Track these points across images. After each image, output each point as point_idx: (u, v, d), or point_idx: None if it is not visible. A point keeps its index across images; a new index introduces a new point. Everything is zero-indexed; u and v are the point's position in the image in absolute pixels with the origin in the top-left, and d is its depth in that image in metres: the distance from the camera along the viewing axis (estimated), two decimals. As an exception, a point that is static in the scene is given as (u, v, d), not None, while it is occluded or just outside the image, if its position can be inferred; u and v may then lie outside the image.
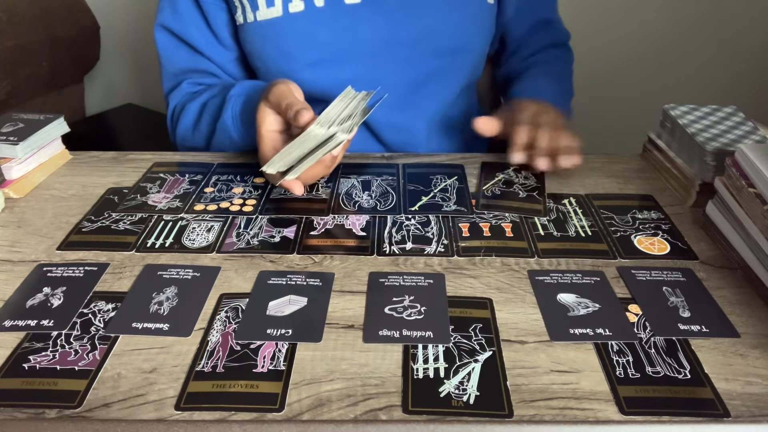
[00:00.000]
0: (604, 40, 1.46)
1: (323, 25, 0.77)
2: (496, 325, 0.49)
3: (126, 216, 0.65)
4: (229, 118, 0.75)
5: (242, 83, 0.77)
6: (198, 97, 0.82)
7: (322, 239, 0.61)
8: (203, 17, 0.81)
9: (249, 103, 0.74)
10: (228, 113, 0.75)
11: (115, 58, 1.72)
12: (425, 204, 0.67)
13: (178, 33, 0.82)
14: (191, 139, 0.83)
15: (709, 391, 0.43)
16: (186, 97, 0.84)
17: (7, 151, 0.69)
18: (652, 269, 0.56)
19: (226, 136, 0.77)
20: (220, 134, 0.77)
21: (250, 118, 0.72)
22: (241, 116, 0.74)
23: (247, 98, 0.75)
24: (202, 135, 0.81)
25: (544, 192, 0.69)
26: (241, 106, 0.74)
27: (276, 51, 0.79)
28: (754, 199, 0.54)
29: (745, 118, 0.71)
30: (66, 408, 0.42)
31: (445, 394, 0.43)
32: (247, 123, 0.73)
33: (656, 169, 0.75)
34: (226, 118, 0.75)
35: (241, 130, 0.75)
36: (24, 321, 0.50)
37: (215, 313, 0.51)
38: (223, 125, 0.76)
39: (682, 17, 1.42)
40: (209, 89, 0.82)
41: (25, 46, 1.38)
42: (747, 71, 1.44)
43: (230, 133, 0.76)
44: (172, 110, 0.86)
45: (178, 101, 0.85)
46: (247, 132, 0.75)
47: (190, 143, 0.84)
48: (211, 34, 0.82)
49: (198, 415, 0.41)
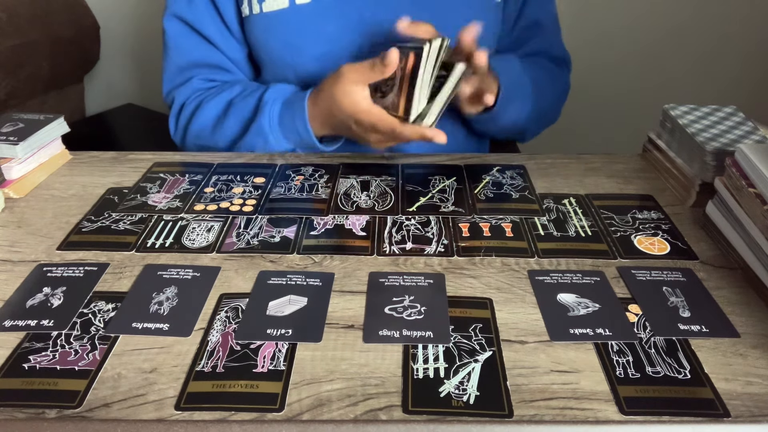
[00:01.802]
0: (604, 40, 1.46)
1: (330, 17, 0.77)
2: (496, 325, 0.49)
3: (126, 216, 0.65)
4: (266, 122, 0.76)
5: (274, 87, 0.78)
6: (217, 95, 0.81)
7: (322, 239, 0.61)
8: (216, 10, 0.81)
9: (288, 108, 0.75)
10: (265, 118, 0.76)
11: (115, 58, 1.72)
12: (423, 204, 0.67)
13: (192, 23, 0.81)
14: (209, 137, 0.82)
15: (709, 391, 0.43)
16: (198, 94, 0.83)
17: (7, 151, 0.69)
18: (652, 269, 0.56)
19: (260, 139, 0.77)
20: (252, 137, 0.78)
21: (290, 123, 0.75)
22: (280, 120, 0.76)
23: (285, 102, 0.76)
24: (226, 136, 0.81)
25: (534, 190, 0.70)
26: (280, 110, 0.76)
27: (282, 43, 0.79)
28: (754, 199, 0.54)
29: (745, 118, 0.71)
30: (66, 408, 0.42)
31: (445, 394, 0.43)
32: (285, 127, 0.76)
33: (656, 169, 0.75)
34: (262, 123, 0.76)
35: (278, 134, 0.76)
36: (24, 321, 0.50)
37: (215, 313, 0.51)
38: (258, 129, 0.77)
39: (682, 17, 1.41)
40: (227, 88, 0.82)
41: (25, 46, 1.38)
42: (747, 71, 1.44)
43: (266, 137, 0.77)
44: (180, 106, 0.84)
45: (188, 97, 0.84)
46: (284, 136, 0.77)
47: (205, 142, 0.83)
48: (225, 28, 0.82)
49: (198, 415, 0.41)
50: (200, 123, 0.82)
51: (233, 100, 0.80)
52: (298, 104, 0.74)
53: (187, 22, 0.82)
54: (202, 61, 0.84)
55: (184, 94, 0.84)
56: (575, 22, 1.01)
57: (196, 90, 0.84)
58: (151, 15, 1.62)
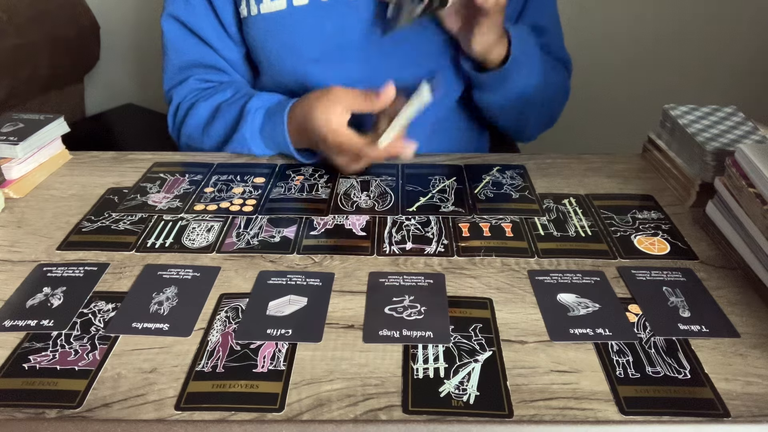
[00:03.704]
0: (604, 40, 1.46)
1: (328, 19, 0.77)
2: (496, 325, 0.49)
3: (126, 216, 0.65)
4: (247, 131, 0.76)
5: (259, 96, 0.78)
6: (209, 97, 0.82)
7: (322, 239, 0.61)
8: (213, 11, 0.81)
9: (269, 118, 0.75)
10: (246, 127, 0.76)
11: (115, 58, 1.72)
12: (423, 205, 0.67)
13: (188, 24, 0.82)
14: (199, 139, 0.83)
15: (709, 391, 0.43)
16: (194, 94, 0.84)
17: (7, 151, 0.69)
18: (652, 269, 0.56)
19: (243, 147, 0.78)
20: (236, 144, 0.78)
21: (271, 133, 0.75)
22: (260, 131, 0.76)
23: (267, 112, 0.76)
24: (213, 140, 0.81)
25: (534, 190, 0.70)
26: (262, 120, 0.75)
27: (280, 45, 0.79)
28: (754, 199, 0.55)
29: (745, 118, 0.71)
30: (66, 408, 0.42)
31: (445, 394, 0.43)
32: (266, 137, 0.76)
33: (656, 169, 0.75)
34: (244, 132, 0.76)
35: (259, 143, 0.76)
36: (24, 321, 0.50)
37: (215, 313, 0.51)
38: (240, 138, 0.77)
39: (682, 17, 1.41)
40: (220, 90, 0.82)
41: (25, 46, 1.38)
42: (747, 71, 1.44)
43: (248, 145, 0.77)
44: (176, 106, 0.85)
45: (184, 97, 0.84)
46: (265, 145, 0.77)
47: (196, 143, 0.84)
48: (222, 29, 0.82)
49: (198, 415, 0.41)
50: (191, 125, 0.83)
51: (221, 106, 0.80)
52: (278, 115, 0.74)
53: (183, 23, 0.82)
54: (198, 62, 0.84)
55: (180, 93, 0.85)
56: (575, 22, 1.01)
57: (191, 90, 0.84)
58: (151, 15, 1.62)
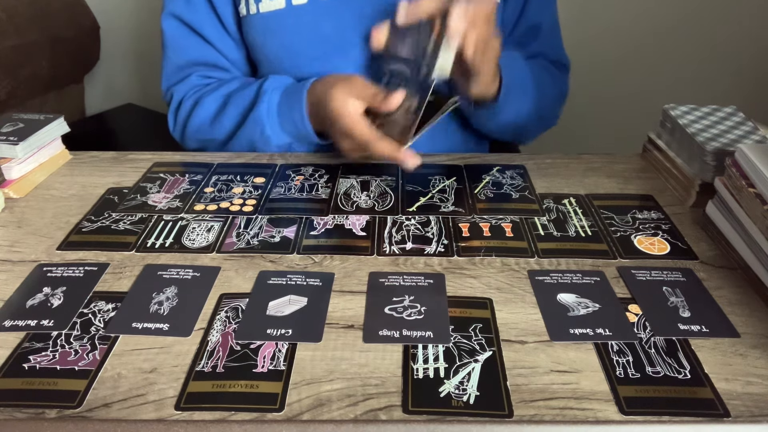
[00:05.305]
0: (604, 40, 1.46)
1: (327, 18, 0.77)
2: (496, 325, 0.49)
3: (126, 216, 0.65)
4: (264, 110, 0.75)
5: (274, 78, 0.78)
6: (216, 90, 0.82)
7: (322, 239, 0.61)
8: (214, 10, 0.81)
9: (287, 97, 0.74)
10: (263, 106, 0.75)
11: (115, 58, 1.72)
12: (423, 205, 0.67)
13: (189, 23, 0.82)
14: (208, 131, 0.82)
15: (709, 391, 0.43)
16: (197, 89, 0.83)
17: (7, 151, 0.69)
18: (652, 269, 0.56)
19: (257, 129, 0.77)
20: (250, 127, 0.77)
21: (287, 112, 0.74)
22: (278, 109, 0.75)
23: (284, 92, 0.75)
24: (224, 128, 0.80)
25: (534, 190, 0.70)
26: (279, 99, 0.75)
27: (278, 44, 0.79)
28: (754, 199, 0.55)
29: (745, 118, 0.71)
30: (66, 408, 0.42)
31: (445, 394, 0.43)
32: (283, 116, 0.75)
33: (656, 169, 0.75)
34: (260, 111, 0.75)
35: (275, 123, 0.76)
36: (24, 321, 0.50)
37: (215, 313, 0.51)
38: (256, 118, 0.76)
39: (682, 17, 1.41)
40: (225, 83, 0.82)
41: (25, 46, 1.38)
42: (747, 71, 1.44)
43: (263, 126, 0.76)
44: (178, 102, 0.85)
45: (186, 93, 0.84)
46: (281, 126, 0.76)
47: (205, 136, 0.83)
48: (222, 27, 0.82)
49: (198, 415, 0.41)
50: (200, 117, 0.82)
51: (232, 93, 0.80)
52: (297, 94, 0.74)
53: (184, 22, 0.82)
54: (199, 60, 0.84)
55: (182, 90, 0.84)
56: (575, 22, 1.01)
57: (194, 86, 0.84)
58: (151, 15, 1.62)
